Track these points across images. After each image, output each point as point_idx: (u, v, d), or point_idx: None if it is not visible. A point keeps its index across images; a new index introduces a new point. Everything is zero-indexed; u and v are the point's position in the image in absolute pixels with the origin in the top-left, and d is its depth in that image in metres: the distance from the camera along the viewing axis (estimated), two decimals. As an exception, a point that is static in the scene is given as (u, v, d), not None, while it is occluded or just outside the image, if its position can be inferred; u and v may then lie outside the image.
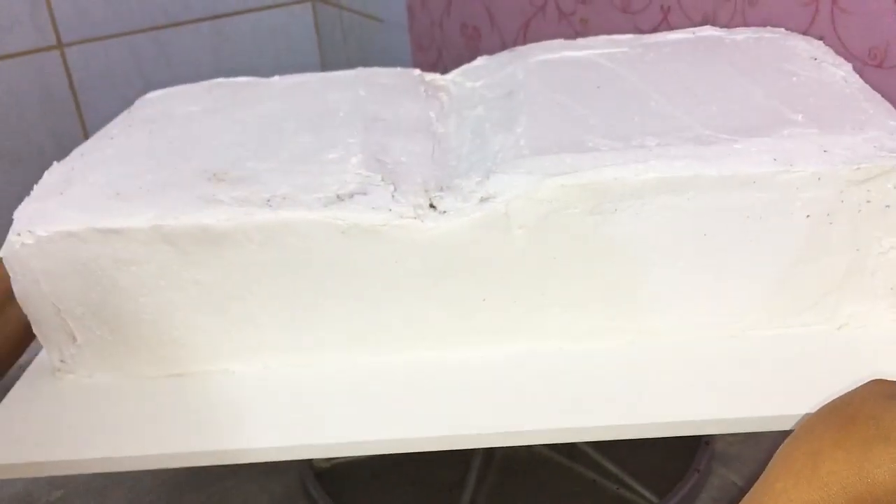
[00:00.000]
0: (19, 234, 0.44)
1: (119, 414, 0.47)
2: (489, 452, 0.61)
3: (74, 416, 0.47)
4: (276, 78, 0.63)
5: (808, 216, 0.42)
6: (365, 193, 0.45)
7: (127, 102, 0.66)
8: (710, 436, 0.58)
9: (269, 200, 0.45)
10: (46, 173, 0.51)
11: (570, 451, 0.61)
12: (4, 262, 0.45)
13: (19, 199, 0.80)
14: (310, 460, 0.61)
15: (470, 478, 0.58)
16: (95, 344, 0.47)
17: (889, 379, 0.35)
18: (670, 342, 0.46)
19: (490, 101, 0.56)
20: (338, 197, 0.45)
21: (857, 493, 0.30)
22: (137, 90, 0.66)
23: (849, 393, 0.35)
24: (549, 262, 0.45)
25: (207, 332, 0.47)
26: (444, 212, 0.44)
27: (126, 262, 0.45)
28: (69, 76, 1.05)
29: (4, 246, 0.45)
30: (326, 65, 1.30)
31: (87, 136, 0.95)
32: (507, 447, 0.62)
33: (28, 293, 0.46)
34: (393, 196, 0.45)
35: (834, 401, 0.34)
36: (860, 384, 0.36)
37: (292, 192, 0.45)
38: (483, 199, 0.44)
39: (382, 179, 0.46)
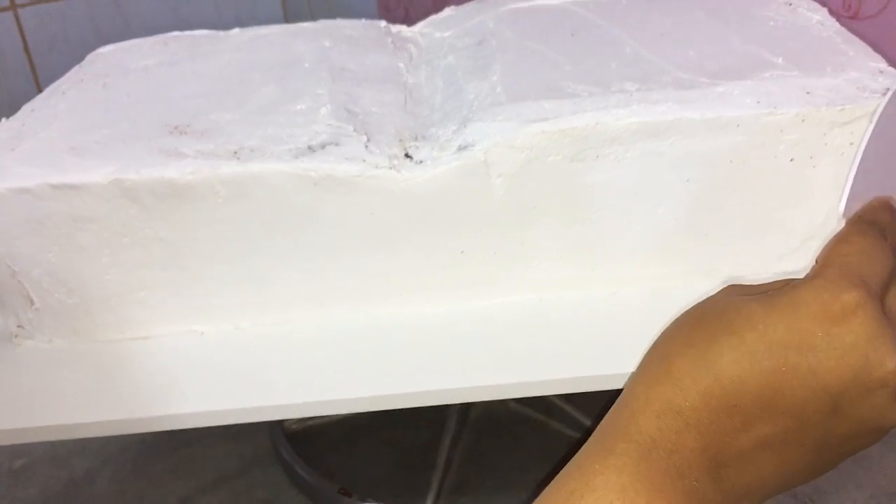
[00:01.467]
0: (-31, 192, 0.42)
1: (82, 379, 0.44)
2: (464, 411, 0.60)
3: (35, 382, 0.44)
4: (236, 30, 0.61)
5: (791, 159, 0.42)
6: (337, 144, 0.43)
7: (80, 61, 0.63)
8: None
9: (235, 153, 0.43)
10: (-3, 128, 0.48)
11: (547, 407, 0.60)
12: (-46, 221, 0.43)
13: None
14: (281, 422, 0.59)
15: (445, 437, 0.58)
16: (54, 307, 0.45)
17: (743, 283, 0.36)
18: (652, 290, 0.46)
19: (461, 50, 0.54)
20: (309, 148, 0.43)
21: (706, 384, 0.31)
22: (92, 48, 0.63)
23: (708, 299, 0.35)
24: (529, 212, 0.43)
25: (173, 291, 0.45)
26: (421, 161, 0.43)
27: (85, 219, 0.42)
28: (23, 38, 0.99)
29: (-47, 205, 0.42)
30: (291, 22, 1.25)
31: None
32: (482, 405, 0.61)
33: (-20, 255, 0.44)
34: (366, 146, 0.43)
35: (689, 307, 0.35)
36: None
37: (260, 143, 0.43)
38: (461, 148, 0.42)
39: (355, 130, 0.45)
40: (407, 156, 0.43)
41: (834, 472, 0.51)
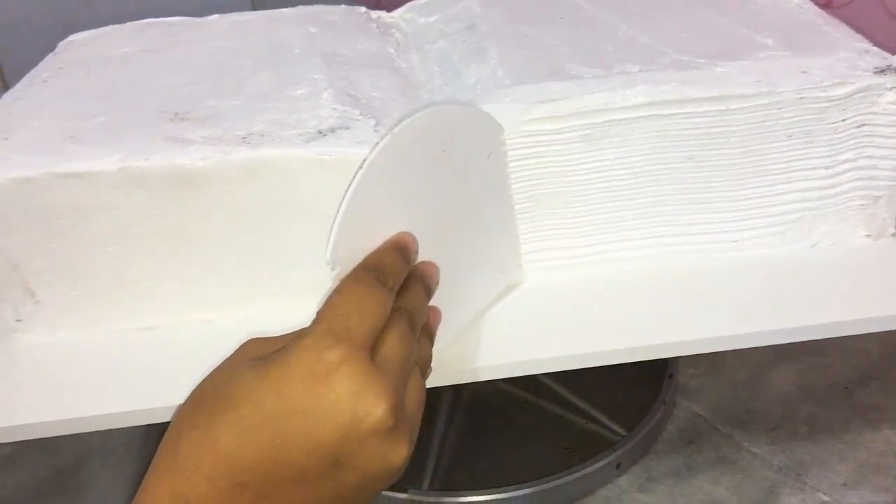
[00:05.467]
0: (-34, 183, 0.40)
1: (87, 373, 0.43)
2: (457, 392, 0.60)
3: (35, 377, 0.43)
4: (215, 17, 0.60)
5: (789, 136, 0.43)
6: (347, 128, 0.43)
7: (48, 49, 0.60)
8: (675, 369, 0.60)
9: (244, 138, 0.42)
10: (-18, 119, 0.47)
11: (535, 387, 0.61)
12: (-50, 214, 0.41)
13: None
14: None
15: (440, 417, 0.58)
16: (57, 300, 0.44)
17: (262, 337, 0.35)
18: (649, 268, 0.47)
19: (451, 35, 0.54)
20: (319, 132, 0.43)
21: (210, 467, 0.30)
22: (59, 36, 0.61)
23: (218, 366, 0.33)
24: (535, 192, 0.44)
25: (182, 279, 0.44)
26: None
27: (91, 209, 0.41)
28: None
29: (-50, 196, 0.41)
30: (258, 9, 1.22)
31: (6, 86, 0.86)
32: (473, 386, 0.61)
33: (-22, 248, 0.42)
34: (375, 130, 0.43)
35: (203, 380, 0.33)
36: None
37: (268, 128, 0.43)
38: (470, 130, 0.43)
39: (361, 114, 0.45)
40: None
41: (815, 447, 0.54)
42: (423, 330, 0.37)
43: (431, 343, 0.38)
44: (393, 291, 0.34)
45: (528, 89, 0.44)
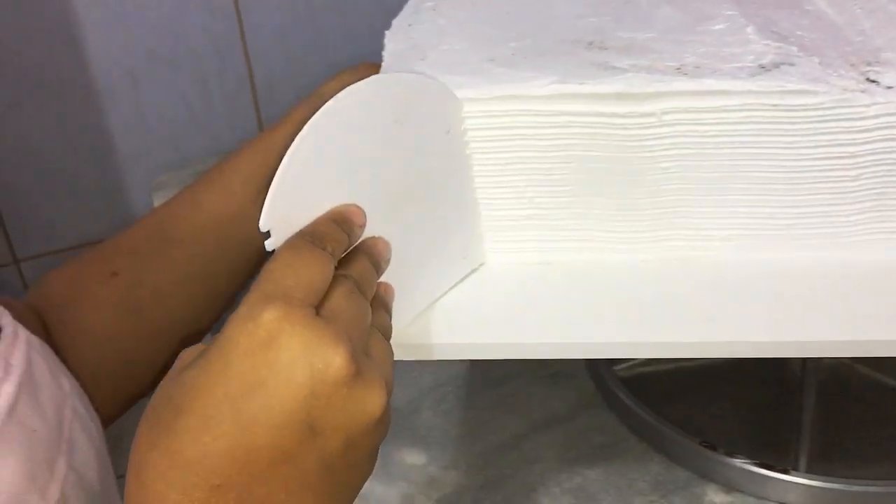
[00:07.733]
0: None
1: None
2: (810, 375, 0.55)
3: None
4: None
5: None
6: (791, 64, 0.39)
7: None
8: None
9: (678, 69, 0.39)
10: (387, 41, 0.47)
11: (906, 376, 0.55)
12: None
13: (181, 103, 0.75)
14: (612, 367, 0.57)
15: (807, 398, 0.53)
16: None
17: (196, 346, 0.31)
18: None
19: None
20: (761, 66, 0.39)
21: (182, 481, 0.28)
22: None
23: (158, 387, 0.31)
24: None
25: (592, 215, 0.42)
26: (890, 87, 0.38)
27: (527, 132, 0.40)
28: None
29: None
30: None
31: (244, 40, 0.88)
32: (828, 369, 0.56)
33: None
34: (821, 67, 0.39)
35: (147, 406, 0.30)
36: None
37: (701, 61, 0.40)
38: (945, 73, 0.38)
39: (800, 50, 0.40)
40: (869, 80, 0.39)
41: None
42: (377, 300, 0.35)
43: (389, 315, 0.36)
44: (333, 256, 0.32)
45: None
